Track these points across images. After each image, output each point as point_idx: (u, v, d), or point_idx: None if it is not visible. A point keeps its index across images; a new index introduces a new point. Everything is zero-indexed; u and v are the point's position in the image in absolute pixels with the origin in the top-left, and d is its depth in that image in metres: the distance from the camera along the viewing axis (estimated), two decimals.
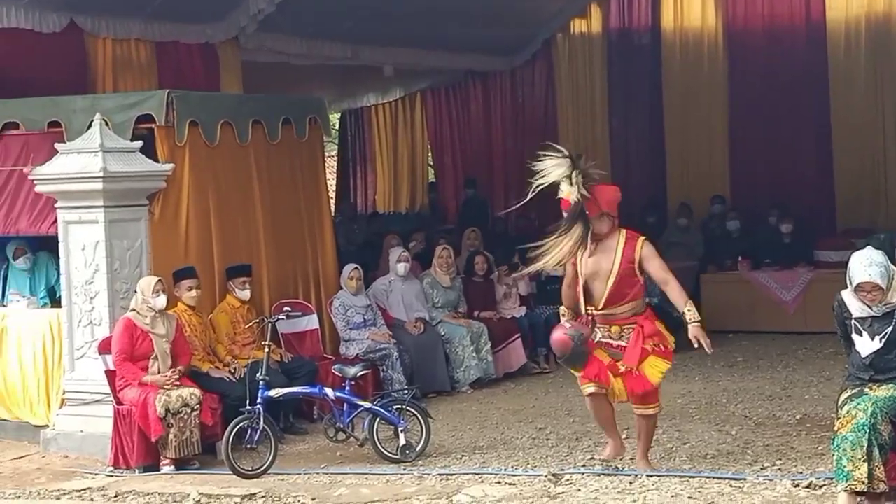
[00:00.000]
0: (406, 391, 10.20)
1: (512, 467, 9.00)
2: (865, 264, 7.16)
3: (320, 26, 14.30)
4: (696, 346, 8.13)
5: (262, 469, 9.11)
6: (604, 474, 8.57)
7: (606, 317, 8.40)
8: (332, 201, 18.72)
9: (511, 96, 18.87)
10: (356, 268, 11.76)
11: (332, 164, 21.03)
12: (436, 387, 11.96)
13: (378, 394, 10.29)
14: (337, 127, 20.26)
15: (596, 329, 8.44)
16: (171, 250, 10.44)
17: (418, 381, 11.17)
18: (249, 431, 9.21)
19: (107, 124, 10.15)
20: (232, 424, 9.18)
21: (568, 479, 8.48)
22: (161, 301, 9.74)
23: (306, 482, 8.96)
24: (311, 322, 11.47)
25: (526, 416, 10.78)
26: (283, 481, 8.99)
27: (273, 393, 9.52)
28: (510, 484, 8.48)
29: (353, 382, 9.87)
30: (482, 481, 8.61)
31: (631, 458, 8.79)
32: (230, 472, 9.05)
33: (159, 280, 9.84)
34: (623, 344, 8.34)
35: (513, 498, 8.08)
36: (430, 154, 19.77)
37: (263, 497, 8.59)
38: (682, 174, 17.88)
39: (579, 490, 8.22)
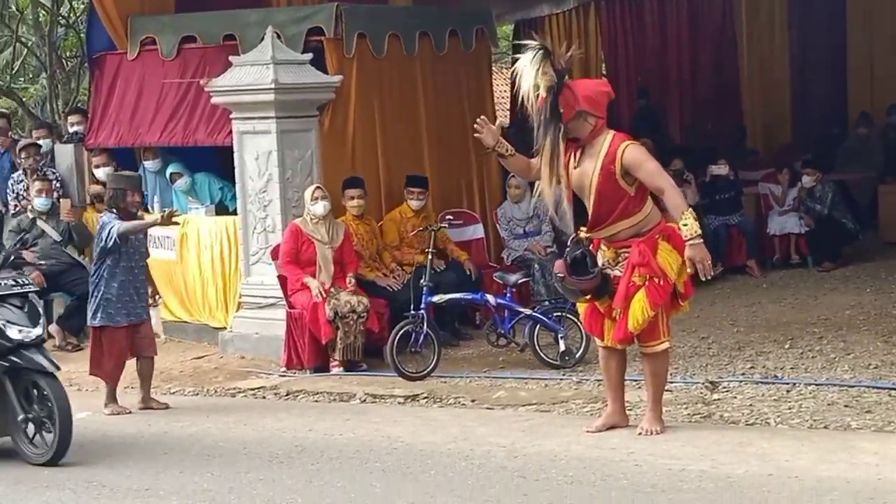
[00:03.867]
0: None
1: (671, 375, 9.04)
2: None
3: None
4: (689, 269, 6.98)
5: (425, 371, 9.43)
6: (761, 382, 8.63)
7: (602, 239, 7.12)
8: (508, 111, 18.88)
9: (687, 5, 18.54)
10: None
11: (507, 74, 21.06)
12: None
13: (538, 300, 10.45)
14: (511, 38, 20.23)
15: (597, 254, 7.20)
16: (339, 160, 10.74)
17: None
18: (414, 335, 9.51)
19: (279, 37, 10.42)
20: (397, 328, 9.51)
21: (724, 387, 8.55)
22: (318, 207, 10.01)
23: (467, 385, 9.25)
24: (477, 231, 11.62)
25: (690, 326, 10.76)
26: (446, 383, 9.29)
27: (436, 298, 9.78)
28: (667, 391, 8.55)
29: (514, 290, 10.05)
30: (639, 387, 8.71)
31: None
32: (395, 374, 9.40)
33: (318, 187, 10.14)
34: (619, 274, 7.00)
35: (668, 403, 8.18)
36: (603, 64, 19.61)
37: (426, 398, 8.92)
38: (863, 84, 17.40)
39: (735, 398, 8.30)
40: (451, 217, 11.05)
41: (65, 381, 10.38)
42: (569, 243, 7.24)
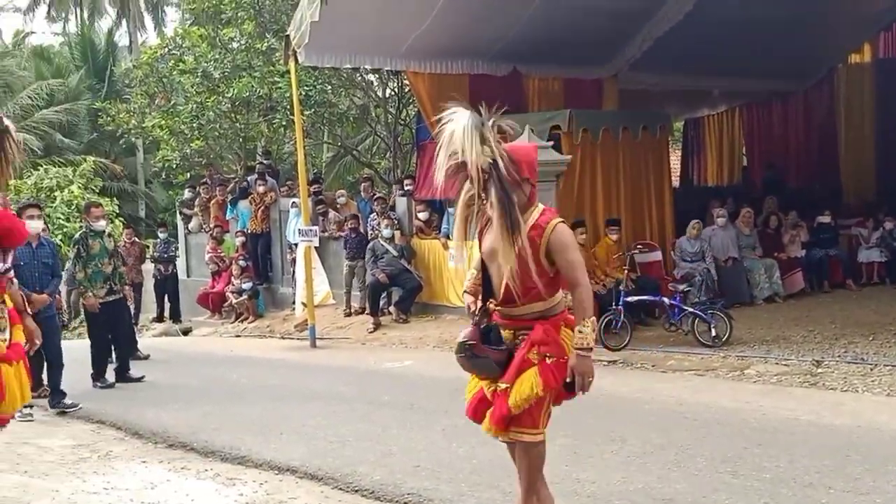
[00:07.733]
0: (716, 301, 9.85)
1: (788, 353, 8.54)
2: None
3: (670, 65, 13.85)
4: (568, 378, 3.65)
5: (622, 346, 9.14)
6: (853, 363, 8.01)
7: (503, 315, 3.78)
8: (679, 178, 18.26)
9: (803, 110, 17.44)
10: (698, 221, 11.40)
11: (679, 154, 20.37)
12: (739, 299, 11.41)
13: (698, 301, 9.98)
14: (681, 130, 19.58)
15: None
16: (569, 208, 10.48)
17: (727, 295, 10.67)
18: (614, 322, 9.26)
19: (532, 131, 10.35)
20: (603, 317, 9.23)
21: (826, 365, 8.01)
22: None
23: (649, 355, 8.94)
24: (656, 255, 11.13)
25: (802, 322, 10.13)
26: (635, 354, 9.01)
27: (630, 298, 9.49)
28: (785, 365, 8.11)
29: (681, 294, 9.65)
30: (766, 362, 8.29)
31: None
32: (602, 347, 9.13)
33: None
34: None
35: (785, 374, 7.75)
36: (743, 147, 18.73)
37: (622, 363, 8.69)
38: None
39: (833, 372, 7.75)
40: (640, 246, 10.72)
41: (395, 340, 10.73)
42: (477, 312, 3.83)
